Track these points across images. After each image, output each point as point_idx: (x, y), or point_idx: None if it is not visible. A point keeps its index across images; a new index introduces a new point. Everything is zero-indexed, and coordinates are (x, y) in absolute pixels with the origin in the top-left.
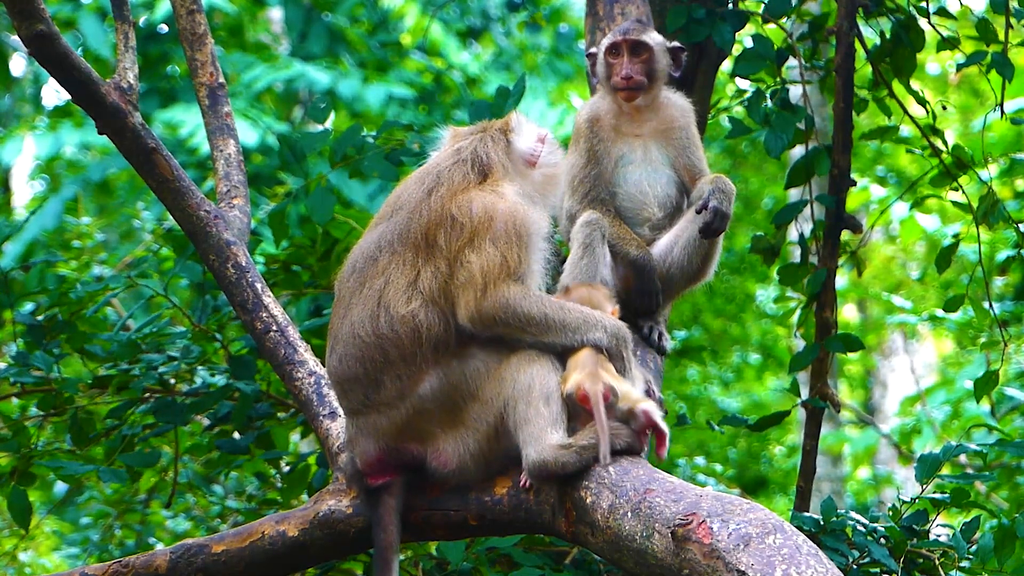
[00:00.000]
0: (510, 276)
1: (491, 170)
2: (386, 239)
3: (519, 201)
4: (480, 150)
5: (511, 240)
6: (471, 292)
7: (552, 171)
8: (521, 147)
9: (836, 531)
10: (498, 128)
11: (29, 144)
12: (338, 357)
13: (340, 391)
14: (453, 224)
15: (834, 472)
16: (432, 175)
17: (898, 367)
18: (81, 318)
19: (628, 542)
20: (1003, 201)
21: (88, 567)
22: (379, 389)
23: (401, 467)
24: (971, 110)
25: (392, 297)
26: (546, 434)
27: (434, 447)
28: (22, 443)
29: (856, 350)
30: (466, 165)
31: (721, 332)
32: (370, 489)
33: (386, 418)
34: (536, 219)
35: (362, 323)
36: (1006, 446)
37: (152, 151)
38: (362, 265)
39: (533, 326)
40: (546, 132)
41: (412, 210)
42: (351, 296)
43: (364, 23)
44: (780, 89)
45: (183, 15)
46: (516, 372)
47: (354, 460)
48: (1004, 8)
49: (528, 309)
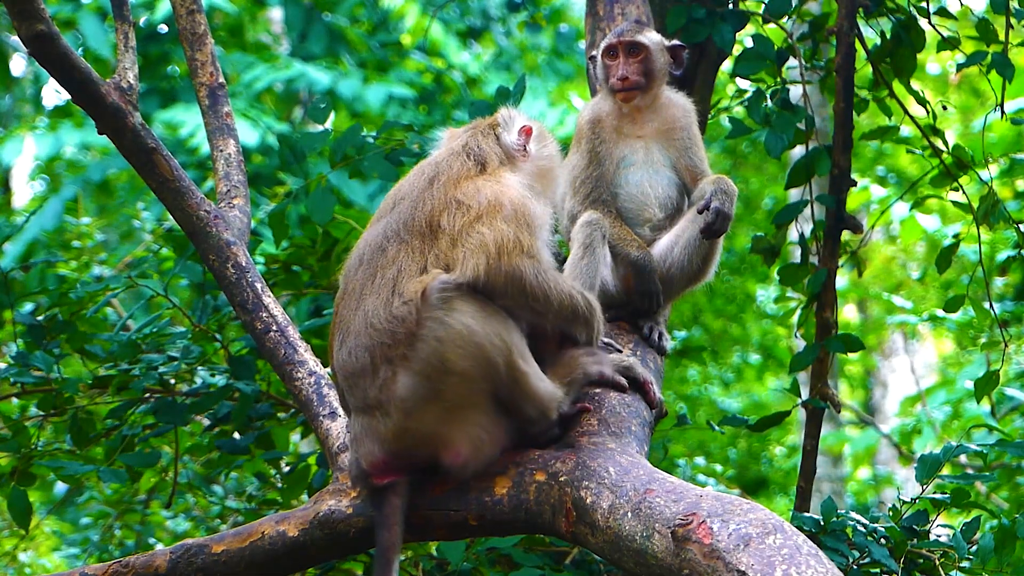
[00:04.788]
0: (525, 253)
1: (487, 161)
2: (392, 230)
3: (524, 192)
4: (472, 143)
5: (521, 224)
6: (482, 256)
7: (546, 164)
8: (508, 142)
9: (836, 531)
10: (488, 124)
11: (29, 144)
12: (348, 350)
13: (347, 386)
14: (459, 207)
15: (834, 472)
16: (431, 166)
17: (898, 367)
18: (81, 318)
19: (628, 542)
20: (1003, 201)
21: (88, 567)
22: (376, 377)
23: (409, 469)
24: (971, 110)
25: (405, 284)
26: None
27: (444, 445)
28: (22, 443)
29: (856, 350)
30: (463, 156)
31: (721, 332)
32: (375, 488)
33: (383, 424)
34: (541, 210)
35: (375, 311)
36: (1006, 446)
37: (152, 151)
38: (370, 257)
39: (538, 303)
40: (533, 125)
41: (415, 200)
42: (362, 288)
43: (364, 23)
44: (780, 89)
45: (183, 15)
46: (493, 337)
47: (359, 460)
48: (1004, 8)
49: (536, 287)
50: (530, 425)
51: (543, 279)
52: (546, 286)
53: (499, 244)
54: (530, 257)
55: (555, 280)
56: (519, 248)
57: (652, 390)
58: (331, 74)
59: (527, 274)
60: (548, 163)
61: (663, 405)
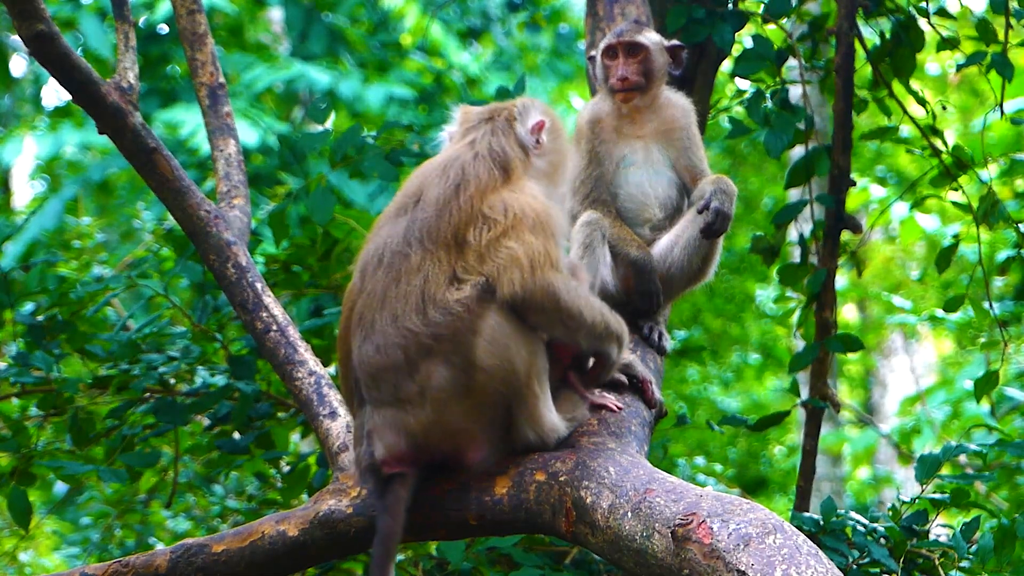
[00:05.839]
0: (554, 266)
1: (510, 166)
2: (414, 235)
3: (547, 201)
4: (495, 145)
5: (548, 236)
6: (516, 272)
7: (557, 159)
8: (524, 137)
9: (836, 531)
10: (505, 118)
11: (29, 144)
12: (375, 346)
13: (371, 381)
14: (486, 221)
15: (834, 472)
16: (456, 168)
17: (898, 367)
18: (81, 318)
19: (628, 542)
20: (1003, 201)
21: (88, 567)
22: (413, 372)
23: (426, 464)
24: (971, 110)
25: (435, 292)
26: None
27: (470, 441)
28: (22, 443)
29: (856, 350)
30: (488, 161)
31: (721, 332)
32: (384, 477)
33: (412, 417)
34: (560, 218)
35: (406, 314)
36: (1006, 446)
37: (152, 151)
38: (390, 259)
39: (572, 321)
40: (546, 120)
41: (440, 207)
42: (385, 290)
43: (364, 23)
44: (780, 89)
45: (183, 15)
46: (520, 348)
47: (372, 451)
48: (1004, 8)
49: (570, 303)
50: (526, 447)
51: (575, 295)
52: (579, 302)
53: (531, 258)
54: (559, 271)
55: (586, 296)
56: (549, 262)
57: (651, 388)
58: (331, 74)
59: (560, 289)
60: (559, 157)
61: (663, 405)
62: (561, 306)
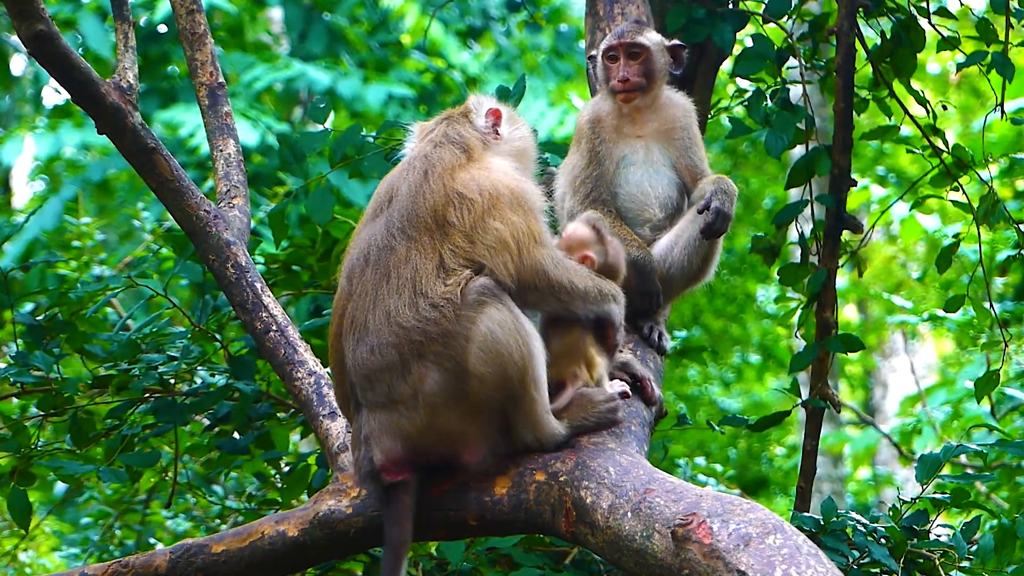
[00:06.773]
0: (538, 242)
1: (471, 146)
2: (395, 227)
3: (517, 176)
4: (452, 132)
5: (526, 210)
6: (506, 255)
7: (520, 144)
8: (480, 126)
9: (836, 531)
10: (460, 112)
11: (29, 144)
12: (369, 347)
13: (366, 383)
14: (462, 200)
15: (834, 472)
16: (420, 159)
17: (898, 367)
18: (81, 318)
19: (628, 542)
20: (1003, 201)
21: (88, 567)
22: (406, 373)
23: (424, 466)
24: (971, 110)
25: (426, 283)
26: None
27: (465, 443)
28: (22, 443)
29: (856, 350)
30: (448, 146)
31: (721, 332)
32: (386, 486)
33: (407, 420)
34: (533, 188)
35: (399, 310)
36: (1006, 446)
37: (152, 151)
38: (377, 256)
39: (564, 293)
40: (501, 108)
41: (413, 194)
42: (376, 289)
43: (364, 23)
44: (780, 89)
45: (183, 15)
46: (522, 340)
47: (370, 457)
48: (1004, 8)
49: (559, 276)
50: (525, 449)
51: (562, 267)
52: (568, 274)
53: (516, 238)
54: (544, 246)
55: (573, 266)
56: (533, 238)
57: (650, 386)
58: (331, 74)
59: (547, 265)
60: (522, 143)
61: (663, 404)
62: (552, 281)
